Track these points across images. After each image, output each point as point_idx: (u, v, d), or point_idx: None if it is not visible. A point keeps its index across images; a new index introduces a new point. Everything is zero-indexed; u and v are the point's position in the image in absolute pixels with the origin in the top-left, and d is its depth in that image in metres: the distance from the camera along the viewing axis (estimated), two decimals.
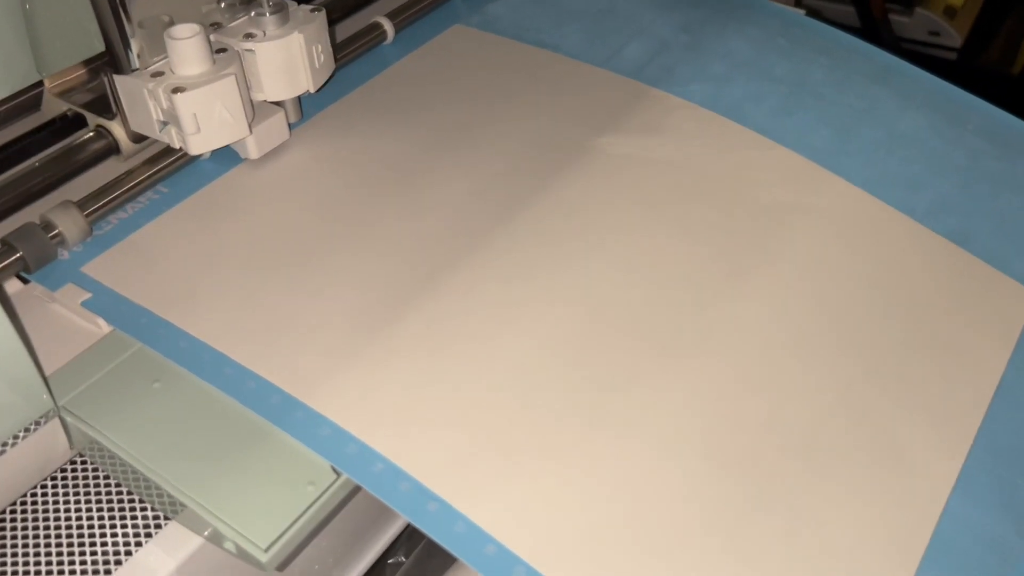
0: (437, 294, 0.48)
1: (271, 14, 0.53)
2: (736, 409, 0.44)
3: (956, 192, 0.58)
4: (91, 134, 0.54)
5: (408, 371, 0.44)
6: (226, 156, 0.55)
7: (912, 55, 1.46)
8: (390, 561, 0.59)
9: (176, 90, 0.49)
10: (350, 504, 0.41)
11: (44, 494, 0.44)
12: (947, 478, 0.44)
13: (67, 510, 0.44)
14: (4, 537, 0.43)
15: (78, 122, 0.56)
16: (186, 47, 0.49)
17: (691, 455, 0.42)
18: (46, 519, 0.43)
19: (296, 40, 0.53)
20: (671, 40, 0.67)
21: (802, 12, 0.72)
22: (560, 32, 0.67)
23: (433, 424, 0.42)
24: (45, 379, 0.41)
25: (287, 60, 0.54)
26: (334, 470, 0.40)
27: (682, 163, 0.57)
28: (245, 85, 0.53)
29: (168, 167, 0.54)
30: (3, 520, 0.43)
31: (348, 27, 0.65)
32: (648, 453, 0.42)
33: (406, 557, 0.58)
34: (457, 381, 0.44)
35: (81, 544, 0.42)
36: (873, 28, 1.37)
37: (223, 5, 0.54)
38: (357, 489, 0.41)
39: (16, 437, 0.41)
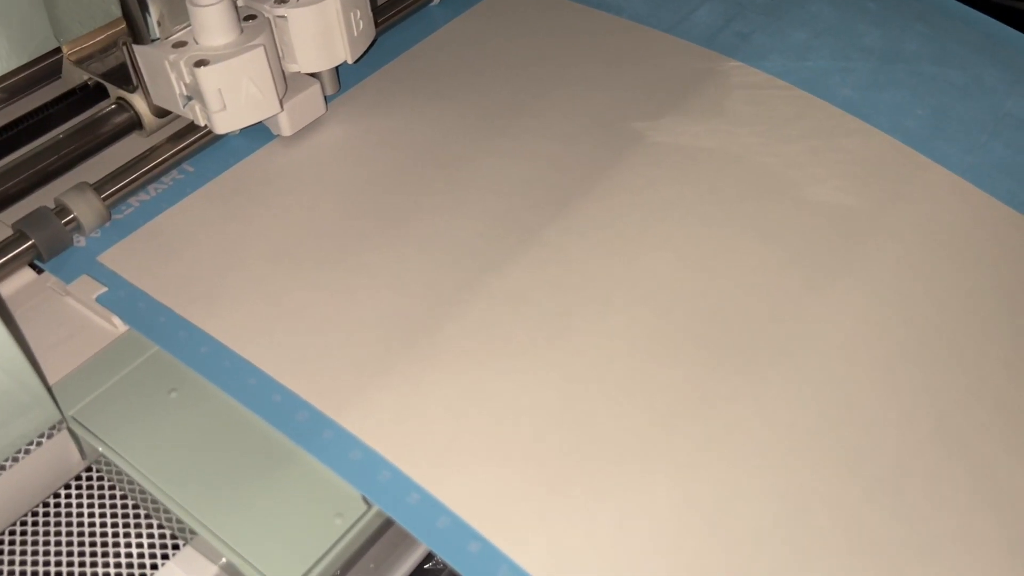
0: (481, 300, 0.43)
1: None
2: (815, 443, 0.39)
3: None
4: (112, 107, 0.50)
5: (449, 389, 0.39)
6: (257, 131, 0.51)
7: (999, 8, 1.36)
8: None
9: (199, 63, 0.44)
10: (382, 539, 0.37)
11: (57, 504, 0.41)
12: None
13: (80, 523, 0.40)
14: (14, 552, 0.39)
15: (100, 92, 0.52)
16: (210, 15, 0.45)
17: (762, 498, 0.37)
18: (57, 531, 0.40)
19: (332, 5, 0.48)
20: (746, 3, 0.60)
21: None
22: None
23: (476, 451, 0.37)
24: (49, 388, 0.37)
25: (323, 28, 0.48)
26: (365, 500, 0.36)
27: (760, 150, 0.51)
28: (276, 56, 0.48)
29: (194, 144, 0.50)
30: (13, 532, 0.40)
31: None
32: (714, 494, 0.37)
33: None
34: (504, 403, 0.39)
35: (94, 559, 0.39)
36: None
37: None
38: (390, 523, 0.36)
39: (26, 448, 0.38)
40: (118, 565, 0.38)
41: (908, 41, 0.58)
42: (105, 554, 0.39)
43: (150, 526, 0.39)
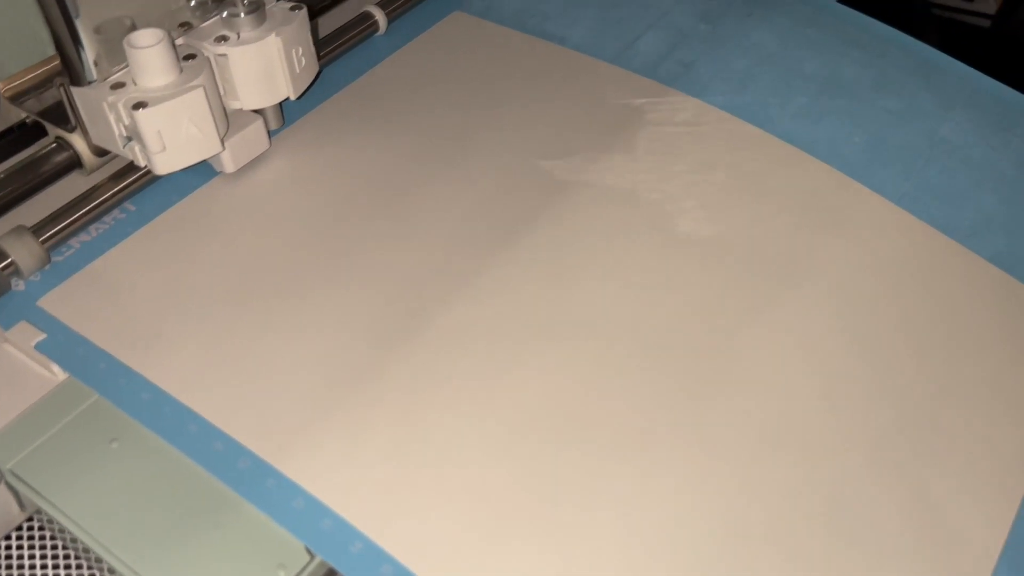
0: (426, 339, 0.43)
1: (246, 14, 0.48)
2: (755, 472, 0.40)
3: (1002, 208, 0.53)
4: (52, 146, 0.49)
5: (393, 431, 0.39)
6: (200, 167, 0.50)
7: (943, 21, 1.39)
8: None
9: (137, 105, 0.44)
10: None
11: None
12: (991, 549, 0.39)
13: None
14: None
15: (39, 130, 0.51)
16: (148, 56, 0.44)
17: (704, 528, 0.38)
18: None
19: (274, 43, 0.48)
20: (689, 31, 0.61)
21: None
22: (568, 20, 0.62)
23: (421, 496, 0.37)
24: None
25: (264, 65, 0.48)
26: (307, 550, 0.36)
27: (702, 177, 0.51)
28: (217, 94, 0.48)
29: (136, 183, 0.49)
30: None
31: (337, 17, 0.60)
32: (657, 526, 0.37)
33: None
34: (449, 444, 0.39)
35: None
36: None
37: (193, 3, 0.49)
38: (333, 573, 0.36)
39: None
40: None
41: (847, 68, 0.59)
42: None
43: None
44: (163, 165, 0.46)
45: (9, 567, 0.40)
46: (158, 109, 0.44)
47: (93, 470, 0.38)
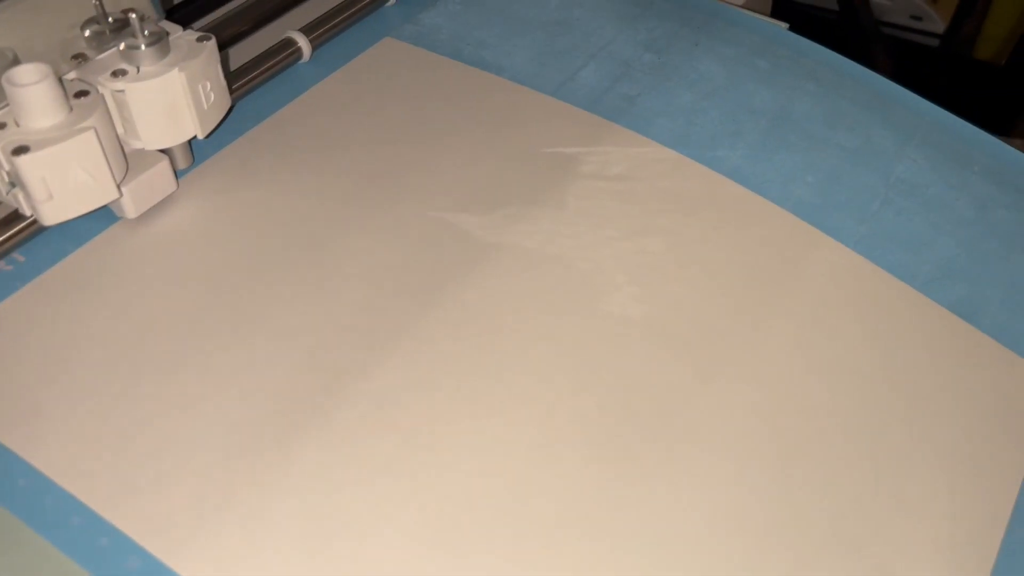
0: (341, 412, 0.39)
1: (147, 46, 0.43)
2: (707, 550, 0.36)
3: (962, 253, 0.50)
4: None
5: (303, 521, 0.35)
6: (100, 211, 0.46)
7: (892, 40, 1.38)
8: None
9: (18, 151, 0.39)
10: None
11: None
12: None
13: None
14: None
15: None
16: (31, 95, 0.40)
17: None
18: None
19: (177, 79, 0.43)
20: (634, 61, 0.58)
21: (785, 26, 0.63)
22: (506, 48, 0.58)
23: None
24: None
25: (167, 102, 0.44)
26: None
27: (649, 222, 0.48)
28: (114, 134, 0.43)
29: (24, 231, 0.44)
30: None
31: (257, 42, 0.55)
32: None
33: None
34: (367, 532, 0.35)
35: None
36: (852, 11, 1.28)
37: (88, 33, 0.44)
38: None
39: None
40: None
41: (798, 101, 0.56)
42: None
43: None
44: (51, 215, 0.41)
45: None
46: (42, 154, 0.39)
47: None
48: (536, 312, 0.43)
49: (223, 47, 0.46)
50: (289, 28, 0.55)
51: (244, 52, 0.54)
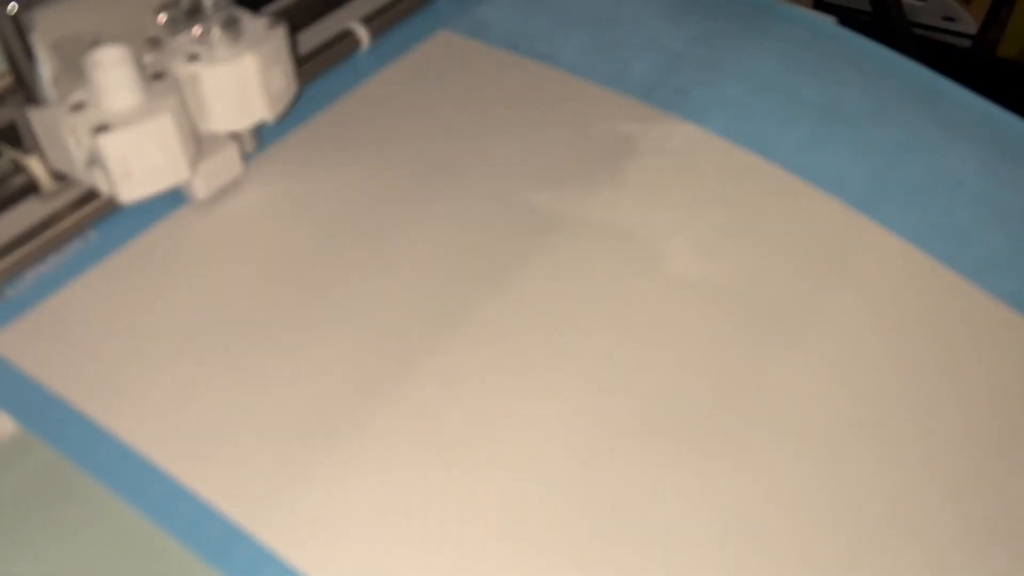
0: (410, 387, 0.40)
1: (220, 30, 0.44)
2: (765, 533, 0.37)
3: (1011, 245, 0.50)
4: (7, 169, 0.46)
5: (376, 491, 0.36)
6: (169, 193, 0.47)
7: (925, 42, 1.38)
8: None
9: (100, 129, 0.40)
10: None
11: None
12: None
13: None
14: None
15: None
16: (111, 76, 0.41)
17: None
18: None
19: (249, 63, 0.45)
20: (684, 54, 0.59)
21: (832, 20, 0.63)
22: (558, 41, 0.59)
23: (407, 564, 0.34)
24: None
25: (239, 86, 0.45)
26: None
27: (700, 212, 0.49)
28: (187, 116, 0.44)
29: (98, 210, 0.46)
30: None
31: (316, 34, 0.57)
32: None
33: None
34: (436, 505, 0.36)
35: None
36: (885, 12, 1.28)
37: (163, 18, 0.45)
38: None
39: None
40: None
41: (847, 95, 0.57)
42: None
43: None
44: (127, 193, 0.43)
45: None
46: (123, 134, 0.41)
47: (44, 535, 0.35)
48: (603, 286, 0.44)
49: (289, 34, 0.47)
50: (346, 19, 0.57)
51: (301, 42, 0.56)
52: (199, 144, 0.46)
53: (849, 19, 0.64)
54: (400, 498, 0.36)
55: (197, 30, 0.45)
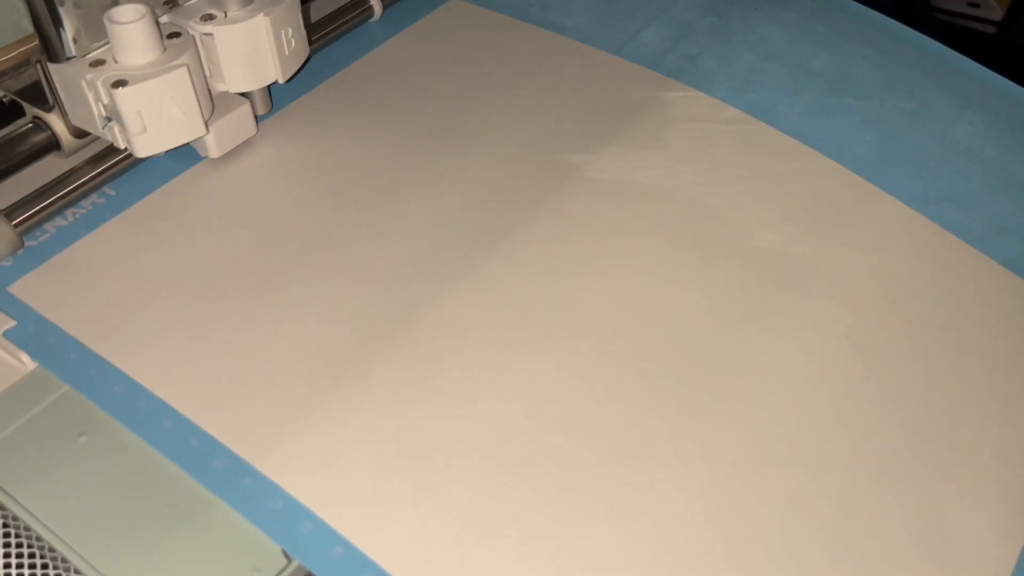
0: (414, 336, 0.41)
1: None
2: (758, 482, 0.38)
3: (1016, 212, 0.51)
4: (28, 126, 0.47)
5: (377, 432, 0.37)
6: (184, 152, 0.48)
7: (948, 28, 1.37)
8: None
9: (117, 84, 0.42)
10: None
11: None
12: (1004, 564, 0.38)
13: None
14: None
15: (16, 109, 0.49)
16: (129, 32, 0.42)
17: (704, 540, 0.36)
18: None
19: (262, 24, 0.46)
20: (694, 24, 0.59)
21: None
22: (569, 9, 0.60)
23: (405, 500, 0.35)
24: None
25: (252, 47, 0.46)
26: (285, 554, 0.34)
27: (705, 175, 0.49)
28: (202, 75, 0.46)
29: (115, 166, 0.47)
30: None
31: (331, 2, 0.58)
32: (655, 537, 0.35)
33: None
34: (435, 446, 0.37)
35: None
36: None
37: None
38: None
39: None
40: None
41: (857, 65, 0.57)
42: None
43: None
44: (144, 147, 0.44)
45: None
46: (139, 88, 0.42)
47: (60, 466, 0.36)
48: (606, 243, 0.45)
49: (302, 2, 0.49)
50: None
51: (317, 10, 0.57)
52: (213, 104, 0.47)
53: (870, 4, 0.64)
54: (399, 437, 0.37)
55: None
